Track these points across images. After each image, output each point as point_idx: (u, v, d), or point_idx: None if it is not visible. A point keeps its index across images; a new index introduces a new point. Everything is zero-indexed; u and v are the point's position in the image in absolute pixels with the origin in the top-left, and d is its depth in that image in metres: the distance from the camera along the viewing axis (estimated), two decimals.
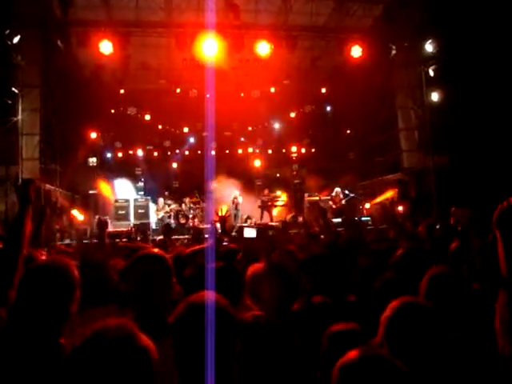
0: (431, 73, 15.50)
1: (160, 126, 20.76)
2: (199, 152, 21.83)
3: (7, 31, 12.21)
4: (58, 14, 14.10)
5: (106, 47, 13.52)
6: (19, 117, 13.34)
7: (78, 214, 16.56)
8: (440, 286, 2.60)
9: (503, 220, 2.39)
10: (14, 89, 12.84)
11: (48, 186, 14.89)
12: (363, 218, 12.53)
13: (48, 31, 13.67)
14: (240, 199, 19.10)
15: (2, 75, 12.44)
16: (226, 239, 5.22)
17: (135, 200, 18.63)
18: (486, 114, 13.73)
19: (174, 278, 2.64)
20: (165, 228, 13.43)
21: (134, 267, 2.65)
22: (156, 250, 2.83)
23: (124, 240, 10.61)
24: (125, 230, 15.04)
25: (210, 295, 1.87)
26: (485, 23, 12.37)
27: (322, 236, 5.51)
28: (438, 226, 5.11)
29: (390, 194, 17.93)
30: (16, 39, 12.47)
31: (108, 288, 3.37)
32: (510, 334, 1.85)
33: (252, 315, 2.64)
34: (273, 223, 16.49)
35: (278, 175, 23.09)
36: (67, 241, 13.21)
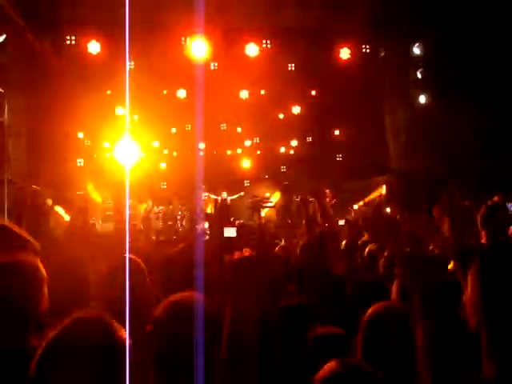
0: (419, 75, 15.61)
1: (148, 127, 20.65)
2: (188, 153, 21.77)
3: None
4: (45, 12, 13.97)
5: (94, 47, 13.45)
6: (5, 117, 13.19)
7: (63, 213, 16.41)
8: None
9: (488, 219, 2.43)
10: None
11: (35, 187, 14.73)
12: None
13: (35, 30, 13.53)
14: (228, 200, 19.13)
15: None
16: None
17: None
18: (474, 116, 13.84)
19: (147, 280, 2.70)
20: None
21: (109, 271, 2.70)
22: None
23: None
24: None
25: (189, 295, 1.86)
26: (474, 26, 12.47)
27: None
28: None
29: (378, 192, 18.03)
30: (1, 38, 12.32)
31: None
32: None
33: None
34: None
35: (266, 176, 23.10)
36: None
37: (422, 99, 15.66)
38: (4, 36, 12.32)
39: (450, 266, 3.25)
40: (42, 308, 2.24)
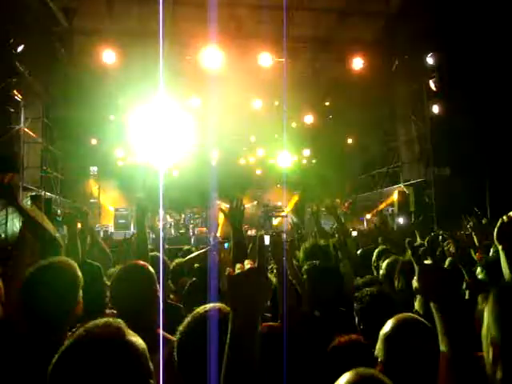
0: (432, 85, 15.56)
1: (161, 135, 20.76)
2: (201, 162, 21.85)
3: (11, 40, 12.27)
4: (61, 22, 14.21)
5: (108, 56, 13.61)
6: (21, 125, 13.39)
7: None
8: None
9: (505, 234, 2.41)
10: (16, 97, 12.89)
11: (48, 195, 14.91)
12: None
13: (51, 40, 13.76)
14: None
15: (5, 84, 12.50)
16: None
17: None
18: (486, 126, 13.77)
19: (157, 288, 2.71)
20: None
21: (118, 277, 2.74)
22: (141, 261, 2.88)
23: None
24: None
25: (213, 308, 1.87)
26: (486, 36, 12.44)
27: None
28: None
29: (390, 201, 17.96)
30: (20, 48, 12.53)
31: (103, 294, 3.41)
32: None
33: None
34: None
35: (278, 186, 23.12)
36: None
37: (436, 109, 15.60)
38: (22, 46, 12.53)
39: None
40: (77, 310, 2.32)
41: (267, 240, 3.84)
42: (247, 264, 1.51)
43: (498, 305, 1.59)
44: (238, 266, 1.52)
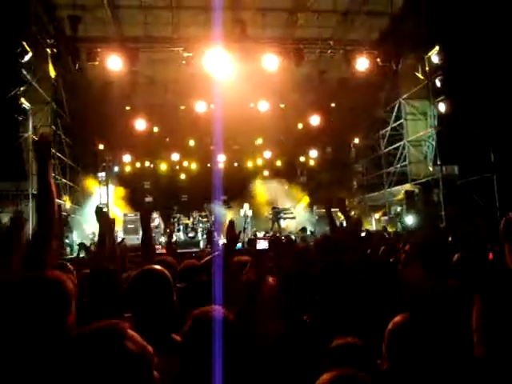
0: (438, 83, 15.52)
1: (168, 140, 20.86)
2: (208, 165, 21.93)
3: (18, 49, 12.38)
4: (67, 31, 14.33)
5: (114, 63, 13.68)
6: (30, 133, 13.50)
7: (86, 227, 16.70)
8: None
9: (508, 232, 2.42)
10: (24, 105, 13.00)
11: (58, 201, 15.00)
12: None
13: (58, 48, 13.86)
14: (249, 212, 19.19)
15: (13, 92, 12.61)
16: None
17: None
18: (493, 123, 13.73)
19: (174, 294, 2.72)
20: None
21: (135, 282, 2.74)
22: (158, 266, 2.89)
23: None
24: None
25: (216, 310, 1.88)
26: (491, 32, 12.41)
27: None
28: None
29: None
30: (27, 57, 12.64)
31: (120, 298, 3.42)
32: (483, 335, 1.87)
33: None
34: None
35: (286, 187, 23.14)
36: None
37: (442, 108, 15.55)
38: (30, 54, 12.64)
39: None
40: (69, 320, 2.31)
41: (262, 245, 3.90)
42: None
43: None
44: None
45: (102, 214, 4.43)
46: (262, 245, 4.01)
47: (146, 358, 1.44)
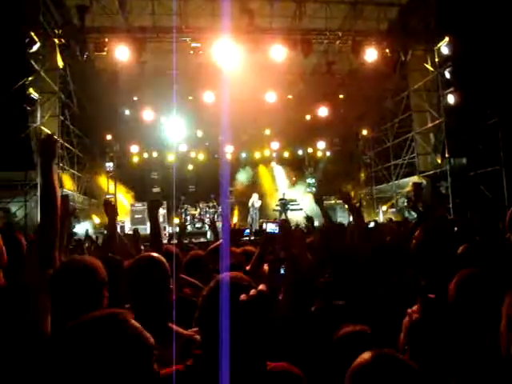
0: (447, 75, 15.39)
1: (176, 131, 20.85)
2: (215, 156, 21.92)
3: (27, 40, 12.41)
4: (75, 21, 14.33)
5: (122, 53, 13.68)
6: (38, 123, 13.55)
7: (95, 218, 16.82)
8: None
9: None
10: (33, 95, 13.04)
11: (66, 191, 15.09)
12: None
13: (66, 38, 13.88)
14: (258, 203, 19.23)
15: (21, 82, 12.66)
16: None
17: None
18: (503, 115, 13.63)
19: (170, 281, 2.72)
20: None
21: (132, 269, 2.74)
22: (155, 253, 2.89)
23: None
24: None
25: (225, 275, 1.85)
26: (501, 24, 12.29)
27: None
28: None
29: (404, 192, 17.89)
30: (35, 47, 12.67)
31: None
32: None
33: None
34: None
35: (294, 178, 23.12)
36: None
37: (451, 99, 15.42)
38: (38, 44, 12.67)
39: None
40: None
41: (271, 227, 3.90)
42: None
43: None
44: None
45: (110, 207, 4.56)
46: (270, 227, 4.00)
47: (148, 348, 1.44)
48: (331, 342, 2.50)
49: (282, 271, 3.24)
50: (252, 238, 12.32)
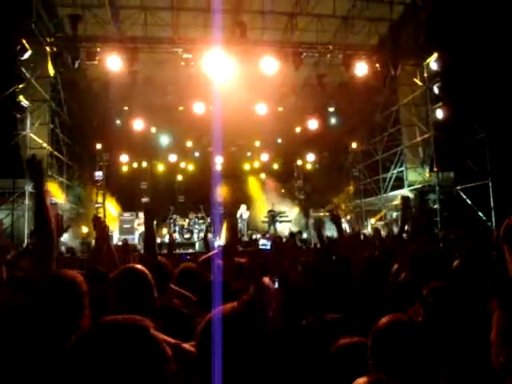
0: (436, 90, 15.60)
1: (166, 141, 20.83)
2: (205, 167, 21.89)
3: (18, 47, 12.39)
4: (67, 29, 14.34)
5: (114, 63, 13.69)
6: (28, 131, 13.48)
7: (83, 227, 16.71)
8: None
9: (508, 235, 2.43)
10: (23, 103, 12.99)
11: (54, 200, 14.98)
12: None
13: (58, 47, 13.87)
14: (246, 214, 19.23)
15: (11, 89, 12.61)
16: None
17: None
18: (490, 130, 13.82)
19: (154, 291, 2.76)
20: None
21: (114, 280, 2.79)
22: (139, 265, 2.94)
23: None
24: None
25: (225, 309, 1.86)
26: (489, 40, 12.49)
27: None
28: None
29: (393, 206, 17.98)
30: (27, 55, 12.65)
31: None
32: (506, 346, 1.88)
33: None
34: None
35: (282, 190, 23.15)
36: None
37: (439, 114, 15.60)
38: (29, 52, 12.65)
39: None
40: (83, 322, 2.32)
41: (263, 242, 3.92)
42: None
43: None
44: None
45: (98, 222, 4.70)
46: (262, 243, 4.03)
47: (166, 360, 1.37)
48: (326, 355, 2.49)
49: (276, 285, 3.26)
50: (240, 248, 12.29)
